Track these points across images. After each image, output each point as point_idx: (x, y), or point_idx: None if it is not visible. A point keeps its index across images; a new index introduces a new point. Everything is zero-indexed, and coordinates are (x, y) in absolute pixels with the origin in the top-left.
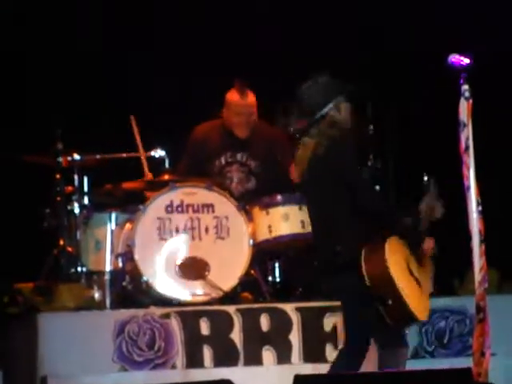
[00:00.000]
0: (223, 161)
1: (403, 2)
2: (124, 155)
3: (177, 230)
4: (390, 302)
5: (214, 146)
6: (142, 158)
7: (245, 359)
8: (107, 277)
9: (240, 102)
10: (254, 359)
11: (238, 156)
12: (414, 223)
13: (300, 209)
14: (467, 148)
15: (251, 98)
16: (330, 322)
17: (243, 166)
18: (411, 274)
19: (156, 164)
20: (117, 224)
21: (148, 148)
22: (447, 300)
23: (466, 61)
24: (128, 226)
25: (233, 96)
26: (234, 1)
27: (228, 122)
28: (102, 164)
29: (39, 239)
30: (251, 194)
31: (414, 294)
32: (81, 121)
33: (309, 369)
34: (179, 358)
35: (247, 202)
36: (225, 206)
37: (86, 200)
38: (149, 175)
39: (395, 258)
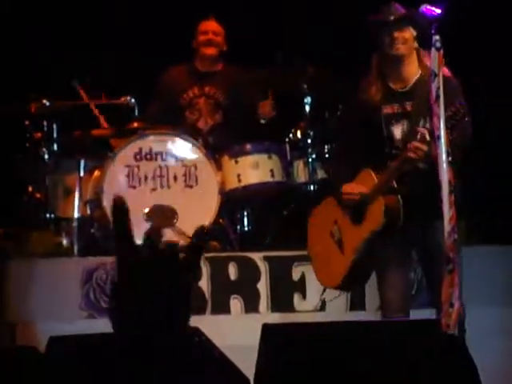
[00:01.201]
0: (191, 94)
1: None
2: (90, 102)
3: (145, 178)
4: None
5: (182, 82)
6: (94, 110)
7: (212, 308)
8: (75, 223)
9: (207, 21)
10: (222, 308)
11: (206, 89)
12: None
13: (269, 157)
14: (438, 97)
15: (217, 23)
16: (298, 271)
17: (210, 98)
18: (332, 236)
19: (125, 111)
20: (85, 171)
21: (117, 95)
22: None
23: (438, 11)
24: (97, 173)
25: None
26: None
27: (197, 47)
28: (72, 111)
29: (10, 186)
30: (220, 128)
31: (326, 259)
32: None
33: (276, 318)
34: None
35: (216, 150)
36: (194, 154)
37: (55, 146)
38: (105, 125)
39: (317, 220)
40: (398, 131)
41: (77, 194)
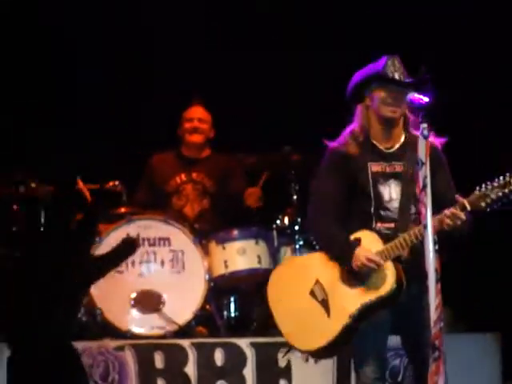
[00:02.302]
0: (178, 180)
1: None
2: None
3: (132, 263)
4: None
5: (169, 168)
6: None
7: None
8: None
9: (192, 108)
10: None
11: (193, 175)
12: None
13: (256, 243)
14: (425, 186)
15: (204, 110)
16: (284, 357)
17: (198, 184)
18: (313, 295)
19: (113, 197)
20: None
21: (105, 181)
22: None
23: (425, 99)
24: None
25: (187, 108)
26: None
27: (182, 134)
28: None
29: None
30: (207, 214)
31: (303, 319)
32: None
33: None
34: None
35: (204, 236)
36: (181, 239)
37: None
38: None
39: (287, 274)
40: (385, 191)
41: None
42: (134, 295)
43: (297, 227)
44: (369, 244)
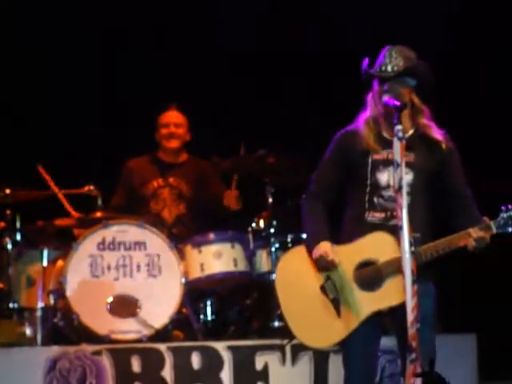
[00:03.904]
0: (155, 184)
1: None
2: (55, 192)
3: (108, 268)
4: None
5: (146, 172)
6: (61, 198)
7: None
8: (39, 313)
9: (167, 113)
10: None
11: (170, 180)
12: None
13: (232, 247)
14: (400, 188)
15: (180, 114)
16: (261, 360)
17: (175, 189)
18: (324, 291)
19: (88, 201)
20: (49, 261)
21: (80, 185)
22: None
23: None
24: (60, 262)
25: (162, 112)
26: None
27: (159, 139)
28: (35, 200)
29: None
30: (184, 219)
31: (313, 315)
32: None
33: None
34: None
35: (180, 240)
36: (157, 244)
37: (18, 236)
38: (75, 214)
39: (297, 265)
40: (383, 177)
41: (40, 284)
42: (110, 299)
43: (272, 230)
44: (379, 244)
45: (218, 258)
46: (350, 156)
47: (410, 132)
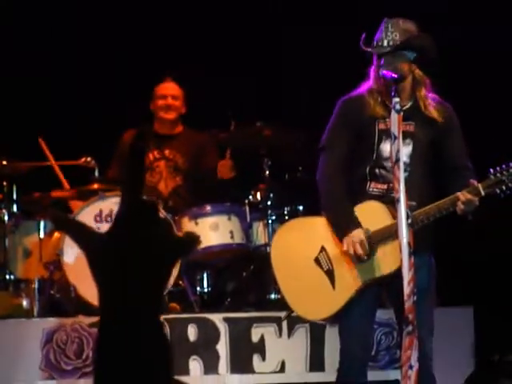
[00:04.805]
0: (151, 157)
1: None
2: (52, 163)
3: None
4: None
5: None
6: (57, 171)
7: None
8: (35, 285)
9: (164, 84)
10: (181, 369)
11: (166, 152)
12: None
13: (229, 219)
14: (397, 161)
15: (177, 85)
16: (258, 332)
17: (170, 161)
18: (318, 263)
19: (85, 173)
20: (45, 232)
21: (77, 157)
22: None
23: (395, 75)
24: (57, 234)
25: (159, 84)
26: None
27: (155, 111)
28: (32, 172)
29: None
30: (180, 191)
31: (309, 288)
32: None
33: (236, 379)
34: None
35: (176, 212)
36: None
37: (14, 207)
38: (67, 187)
39: (291, 236)
40: (387, 147)
41: (36, 256)
42: None
43: (269, 202)
44: (372, 214)
45: (214, 230)
46: (357, 121)
47: (409, 104)
